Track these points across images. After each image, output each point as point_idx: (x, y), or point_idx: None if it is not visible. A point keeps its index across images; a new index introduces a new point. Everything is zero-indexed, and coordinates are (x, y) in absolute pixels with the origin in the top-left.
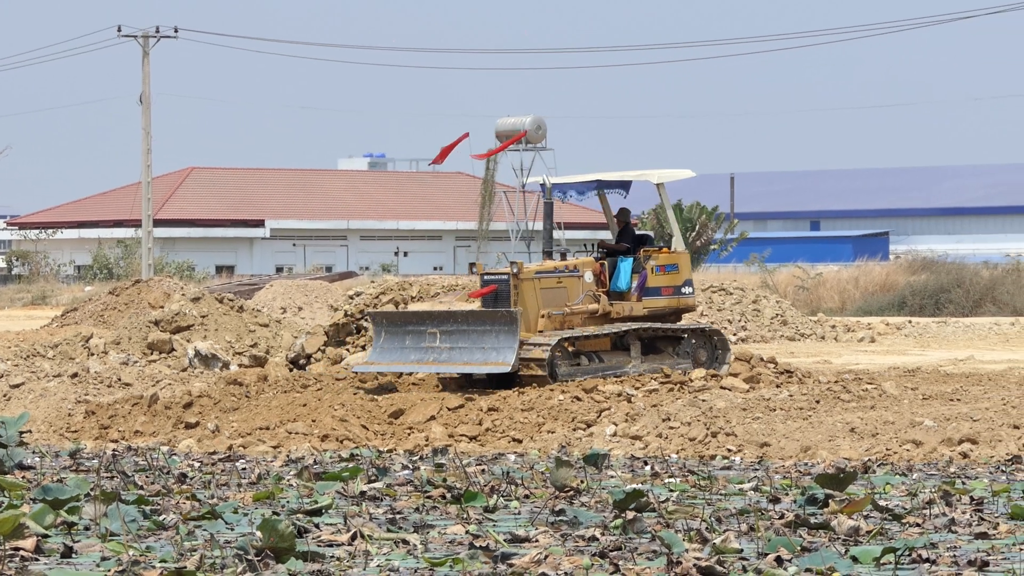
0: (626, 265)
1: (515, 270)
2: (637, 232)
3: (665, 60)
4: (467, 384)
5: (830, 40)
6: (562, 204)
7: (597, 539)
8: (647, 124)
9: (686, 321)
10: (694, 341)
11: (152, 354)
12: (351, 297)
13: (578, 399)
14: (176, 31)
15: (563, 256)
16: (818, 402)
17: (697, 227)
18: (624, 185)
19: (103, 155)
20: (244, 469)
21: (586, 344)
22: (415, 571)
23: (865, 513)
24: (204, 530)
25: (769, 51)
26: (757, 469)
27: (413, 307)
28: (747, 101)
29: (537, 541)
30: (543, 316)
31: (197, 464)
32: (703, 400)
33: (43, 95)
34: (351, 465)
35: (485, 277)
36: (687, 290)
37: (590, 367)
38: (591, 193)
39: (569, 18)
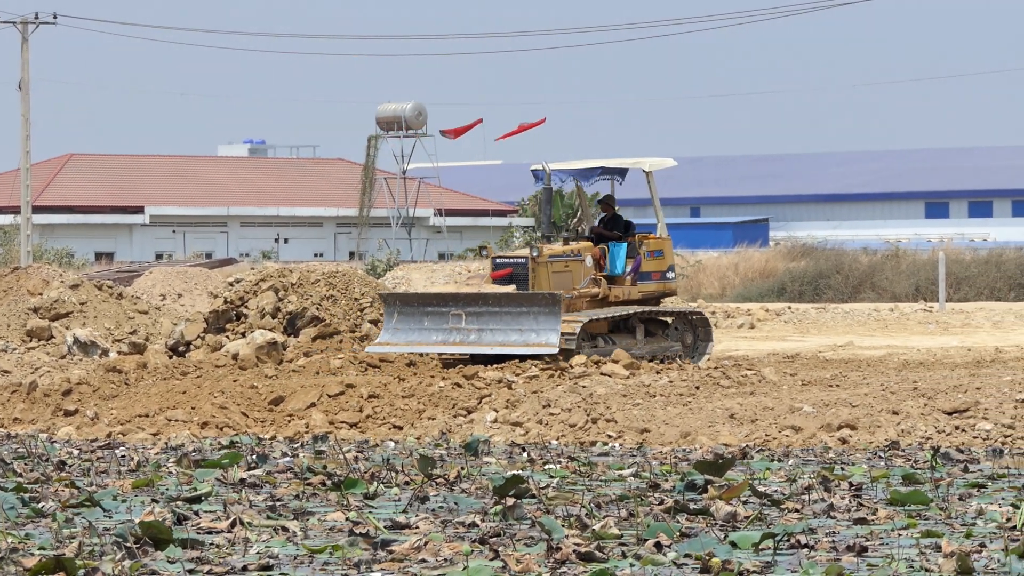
0: (620, 250)
1: (535, 253)
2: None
3: (544, 47)
4: (481, 363)
5: (708, 27)
6: (442, 191)
7: (477, 525)
8: (527, 111)
9: (671, 306)
10: (683, 325)
11: (31, 341)
12: (231, 284)
13: (459, 385)
14: (55, 17)
15: (566, 241)
16: (698, 388)
17: (578, 214)
18: (622, 172)
19: None
20: (123, 456)
21: (594, 327)
22: (295, 558)
23: (744, 499)
24: (83, 518)
25: (649, 38)
26: (636, 455)
27: (435, 290)
28: (625, 88)
29: (417, 528)
30: None
31: (76, 451)
32: (583, 386)
33: None
34: (231, 452)
35: (497, 260)
36: (670, 275)
37: (606, 348)
38: (596, 179)
39: (446, 4)
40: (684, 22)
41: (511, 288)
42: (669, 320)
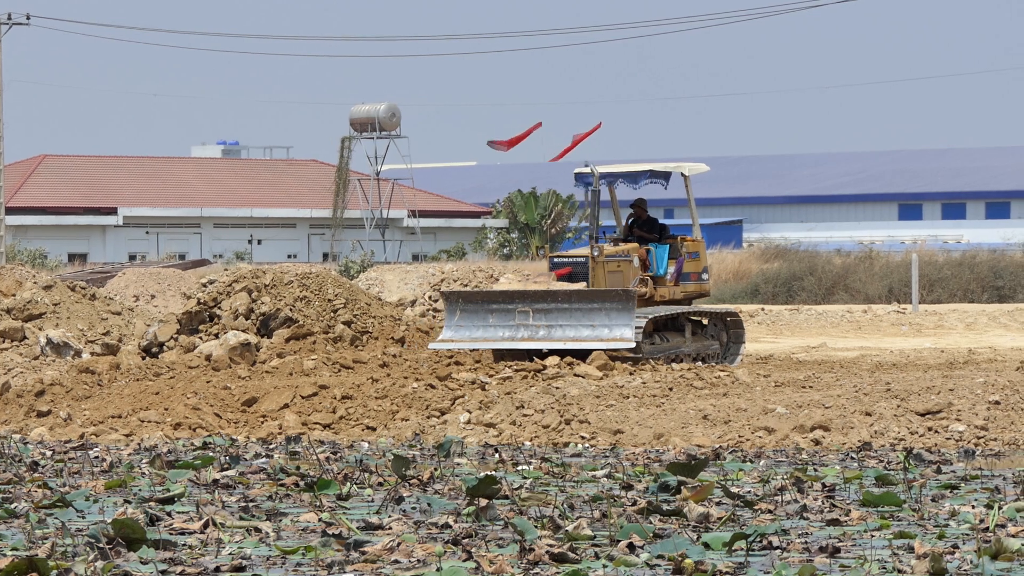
0: (662, 251)
1: (595, 253)
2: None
3: (517, 48)
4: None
5: (682, 28)
6: (416, 192)
7: (450, 526)
8: (500, 112)
9: (707, 306)
10: (717, 325)
11: (4, 342)
12: (204, 285)
13: (432, 387)
14: (28, 18)
15: (615, 242)
16: (671, 389)
17: (553, 215)
18: (666, 176)
19: None
20: (96, 457)
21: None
22: (267, 559)
23: (717, 500)
24: (56, 518)
25: (623, 39)
26: (609, 456)
27: (499, 287)
28: (598, 90)
29: (390, 529)
30: None
31: (49, 452)
32: (557, 387)
33: None
34: (204, 453)
35: (555, 259)
36: (705, 276)
37: (663, 346)
38: (643, 182)
39: (419, 5)
40: (656, 24)
41: (582, 285)
42: (705, 320)
